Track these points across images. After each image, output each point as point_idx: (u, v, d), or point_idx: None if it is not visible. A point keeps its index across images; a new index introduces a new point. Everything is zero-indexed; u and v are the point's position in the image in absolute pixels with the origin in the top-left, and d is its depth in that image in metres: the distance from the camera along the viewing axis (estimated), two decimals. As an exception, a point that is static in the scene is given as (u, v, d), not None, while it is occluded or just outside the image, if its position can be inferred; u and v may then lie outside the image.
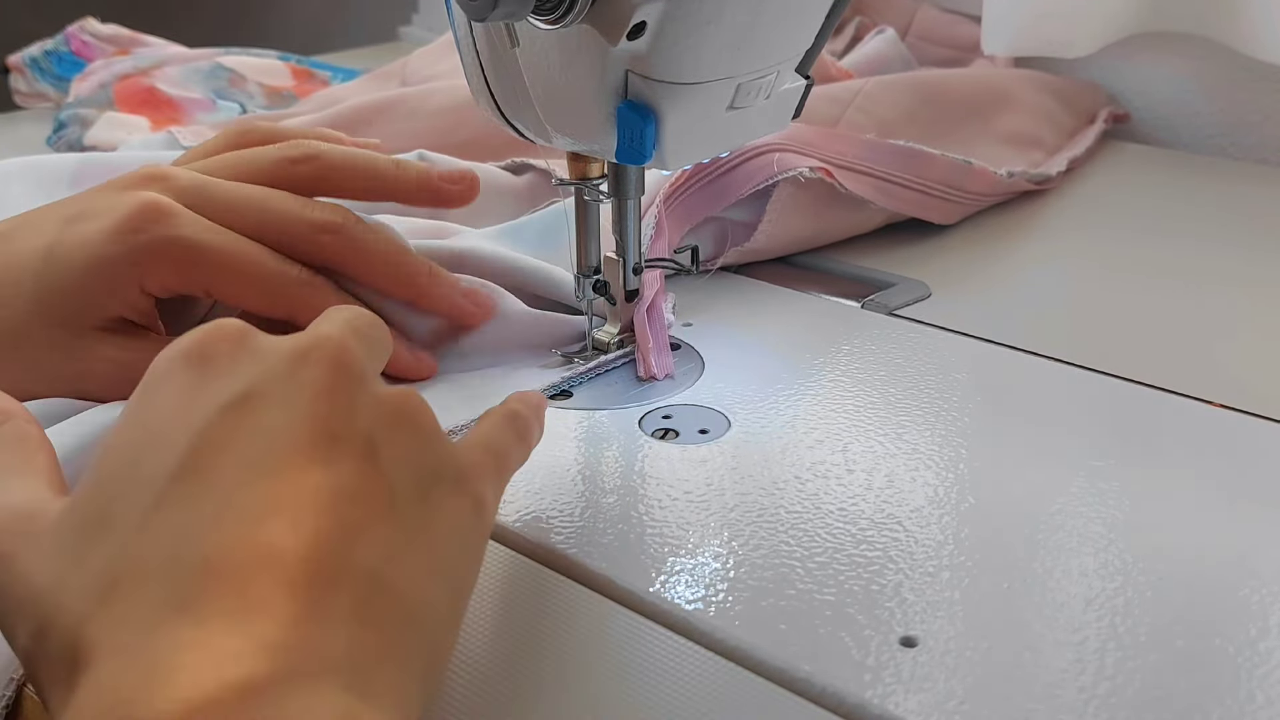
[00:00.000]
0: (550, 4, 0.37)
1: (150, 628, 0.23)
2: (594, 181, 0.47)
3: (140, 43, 0.91)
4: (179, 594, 0.24)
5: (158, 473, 0.26)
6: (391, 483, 0.28)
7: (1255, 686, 0.32)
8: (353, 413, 0.28)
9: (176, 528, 0.25)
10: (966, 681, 0.32)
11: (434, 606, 0.27)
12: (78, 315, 0.43)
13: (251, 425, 0.27)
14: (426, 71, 0.85)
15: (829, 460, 0.42)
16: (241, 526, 0.25)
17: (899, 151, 0.61)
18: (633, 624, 0.34)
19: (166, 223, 0.42)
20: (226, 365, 0.29)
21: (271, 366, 0.28)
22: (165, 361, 0.29)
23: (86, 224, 0.43)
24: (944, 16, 0.91)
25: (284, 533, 0.25)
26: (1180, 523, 0.39)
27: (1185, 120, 0.85)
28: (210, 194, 0.44)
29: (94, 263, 0.42)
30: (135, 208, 0.42)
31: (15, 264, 0.43)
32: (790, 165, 0.56)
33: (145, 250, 0.42)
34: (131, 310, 0.43)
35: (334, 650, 0.24)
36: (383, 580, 0.26)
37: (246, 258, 0.43)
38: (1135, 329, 0.54)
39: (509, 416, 0.35)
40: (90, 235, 0.42)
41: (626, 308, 0.49)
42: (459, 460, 0.30)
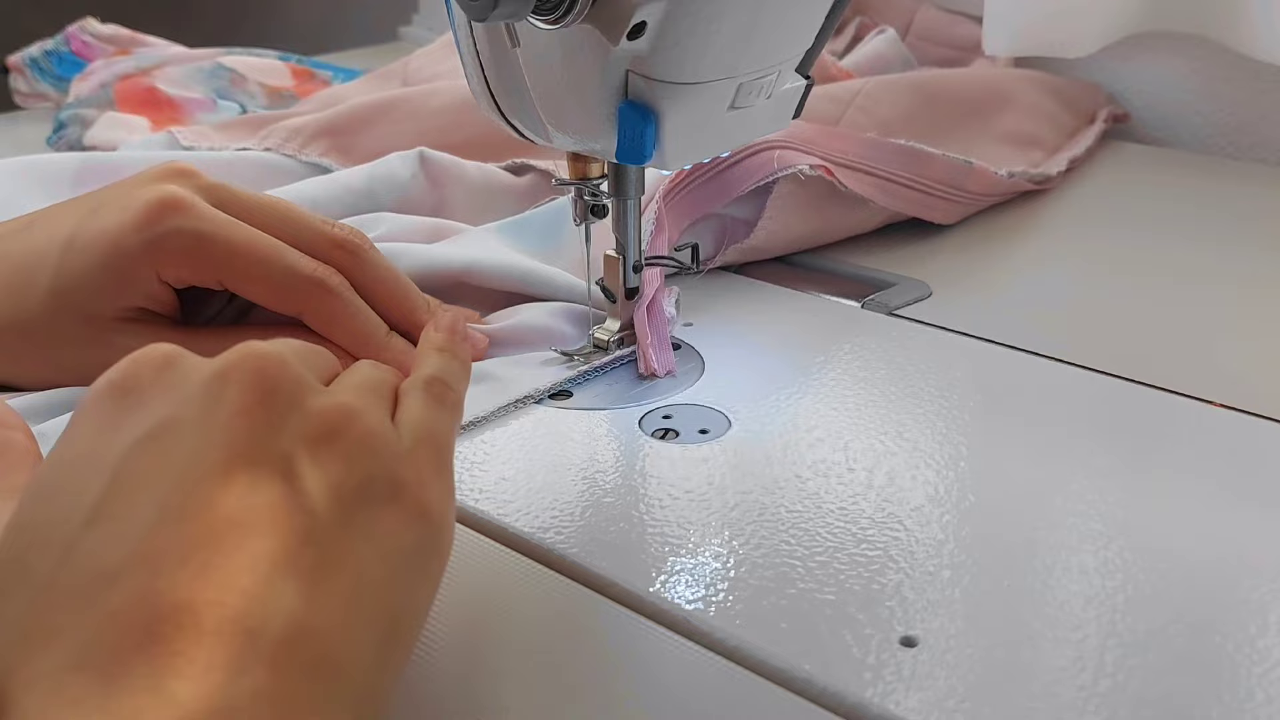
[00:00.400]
0: (550, 4, 0.37)
1: (55, 691, 0.22)
2: (594, 181, 0.47)
3: (140, 43, 0.91)
4: (86, 652, 0.23)
5: (71, 517, 0.25)
6: (312, 508, 0.26)
7: (1255, 684, 0.32)
8: (273, 432, 0.27)
9: (86, 578, 0.24)
10: (967, 680, 0.32)
11: (359, 642, 0.26)
12: (96, 305, 0.43)
13: (165, 458, 0.26)
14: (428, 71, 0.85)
15: (829, 459, 0.42)
16: (149, 577, 0.24)
17: (899, 150, 0.61)
18: (633, 624, 0.34)
19: (184, 214, 0.43)
20: (147, 395, 0.28)
21: (189, 391, 0.27)
22: (90, 394, 0.28)
23: (106, 216, 0.43)
24: (944, 16, 0.91)
25: (192, 581, 0.24)
26: (1180, 522, 0.39)
27: (1185, 120, 0.85)
28: (233, 194, 0.45)
29: (112, 253, 0.43)
30: (154, 200, 0.43)
31: (34, 254, 0.44)
32: (790, 162, 0.56)
33: (161, 241, 0.42)
34: (150, 300, 0.44)
35: (251, 705, 0.23)
36: (300, 623, 0.24)
37: (260, 252, 0.43)
38: (1135, 329, 0.54)
39: (427, 385, 0.33)
40: (109, 226, 0.43)
41: (626, 306, 0.49)
42: (394, 471, 0.28)
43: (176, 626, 0.23)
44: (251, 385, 0.27)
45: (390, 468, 0.28)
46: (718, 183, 0.56)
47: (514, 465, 0.42)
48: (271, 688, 0.23)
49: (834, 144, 0.59)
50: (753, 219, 0.58)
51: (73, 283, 0.43)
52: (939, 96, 0.72)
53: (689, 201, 0.55)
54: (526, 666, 0.33)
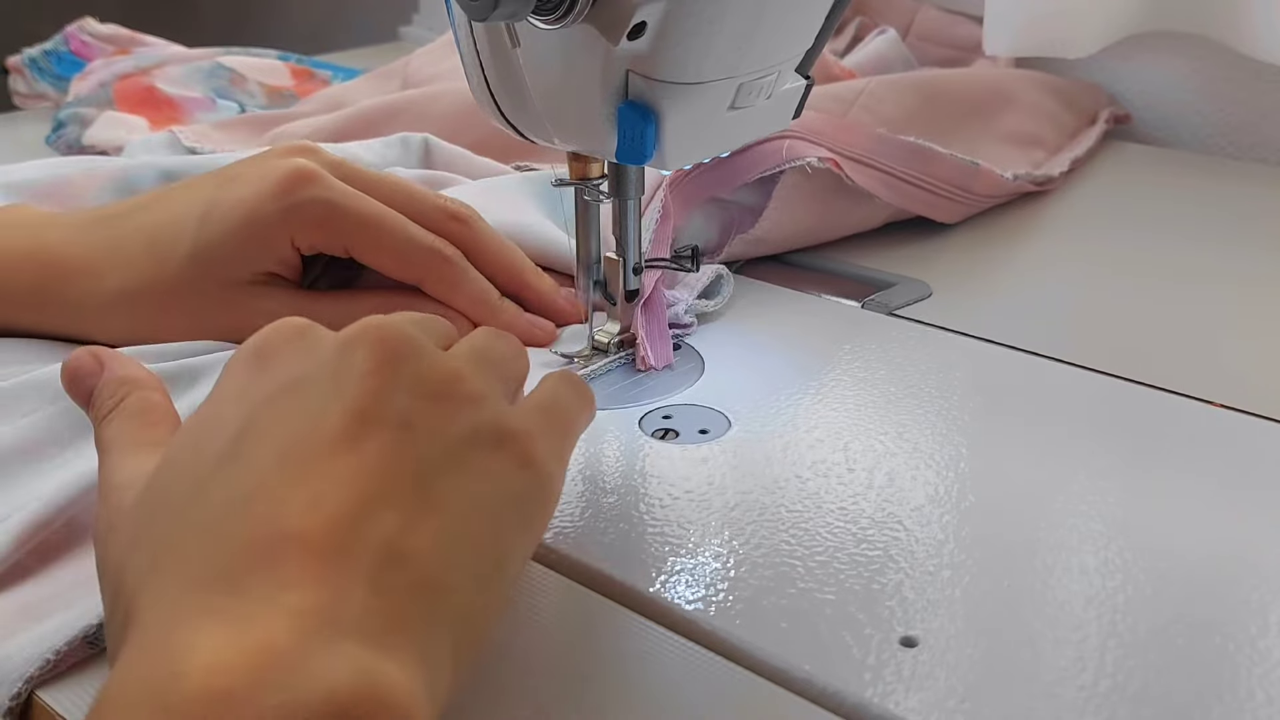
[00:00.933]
0: (551, 4, 0.37)
1: (181, 602, 0.25)
2: (594, 181, 0.47)
3: (139, 42, 0.91)
4: (210, 570, 0.26)
5: (208, 457, 0.29)
6: (421, 455, 0.29)
7: (1255, 684, 0.32)
8: (391, 392, 0.29)
9: (214, 509, 0.27)
10: (967, 680, 0.32)
11: (454, 572, 0.28)
12: (233, 270, 0.47)
13: (294, 410, 0.29)
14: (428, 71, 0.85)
15: (829, 459, 0.42)
16: (269, 506, 0.27)
17: (908, 148, 0.61)
18: (633, 624, 0.34)
19: (317, 185, 0.46)
20: (283, 357, 0.31)
21: (321, 355, 0.31)
22: (233, 359, 0.32)
23: (241, 186, 0.47)
24: (945, 17, 0.91)
25: (305, 511, 0.26)
26: (1180, 521, 0.39)
27: (1185, 120, 0.85)
28: (354, 169, 0.49)
29: (250, 221, 0.46)
30: (289, 171, 0.47)
31: (173, 223, 0.48)
32: (799, 154, 0.56)
33: (297, 210, 0.46)
34: (281, 265, 0.48)
35: (351, 615, 0.25)
36: (398, 550, 0.27)
37: (384, 222, 0.47)
38: (1135, 329, 0.54)
39: (572, 380, 0.36)
40: (246, 196, 0.47)
41: (627, 308, 0.49)
42: (503, 421, 0.31)
43: (289, 549, 0.26)
44: (376, 351, 0.30)
45: (498, 420, 0.31)
46: (726, 168, 0.56)
47: (514, 465, 0.42)
48: (375, 603, 0.26)
49: (843, 136, 0.59)
50: (758, 207, 0.58)
51: (211, 248, 0.47)
52: (941, 96, 0.72)
53: (696, 185, 0.56)
54: (526, 666, 0.33)
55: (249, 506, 0.27)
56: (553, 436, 0.33)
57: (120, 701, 0.24)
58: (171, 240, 0.47)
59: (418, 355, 0.30)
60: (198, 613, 0.25)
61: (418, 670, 0.25)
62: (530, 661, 0.33)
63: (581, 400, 0.36)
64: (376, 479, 0.28)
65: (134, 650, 0.25)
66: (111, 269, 0.48)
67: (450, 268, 0.48)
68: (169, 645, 0.24)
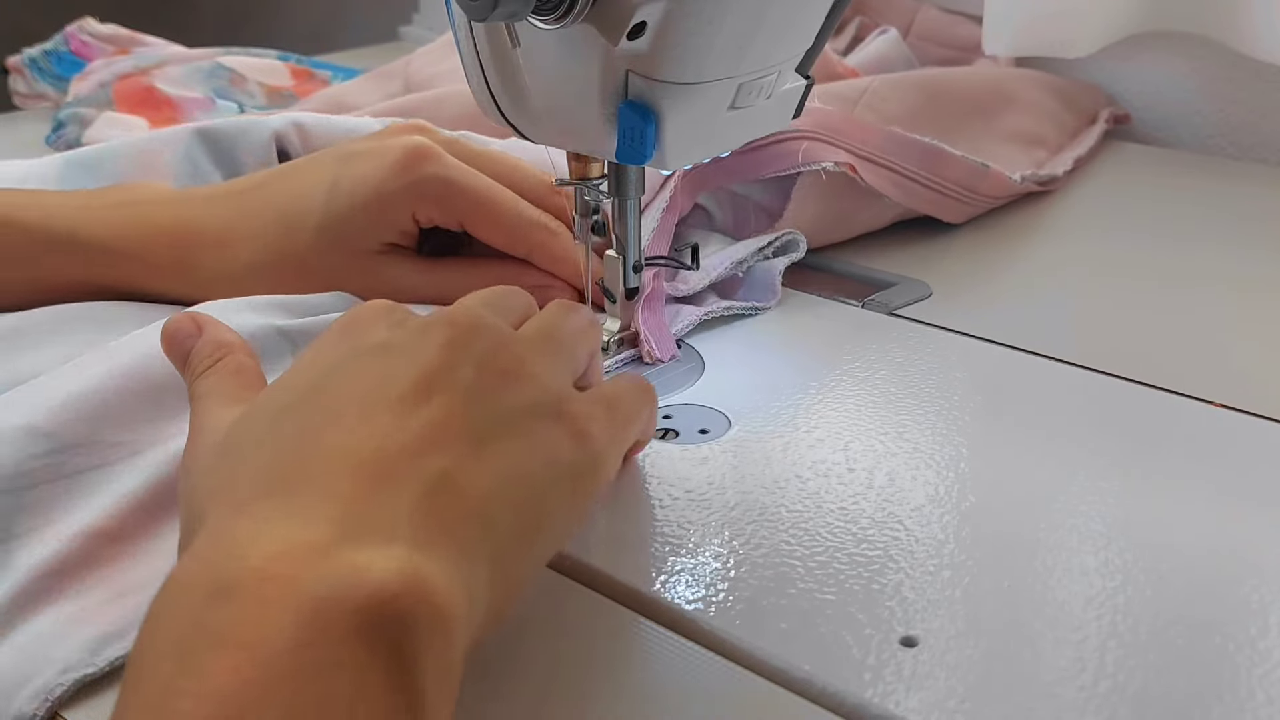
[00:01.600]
0: (551, 4, 0.37)
1: (245, 506, 0.28)
2: (594, 181, 0.47)
3: (139, 42, 0.91)
4: (273, 483, 0.28)
5: (288, 398, 0.31)
6: (481, 416, 0.31)
7: (1255, 684, 0.32)
8: (462, 364, 0.32)
9: (287, 436, 0.30)
10: (967, 680, 0.32)
11: (499, 512, 0.29)
12: (359, 241, 0.50)
13: (371, 367, 0.32)
14: (429, 71, 0.85)
15: (830, 459, 0.42)
16: (336, 435, 0.29)
17: (921, 148, 0.61)
18: (633, 624, 0.34)
19: (436, 162, 0.49)
20: (369, 327, 0.34)
21: (404, 328, 0.33)
22: (326, 330, 0.35)
23: (363, 163, 0.50)
24: (945, 17, 0.91)
25: (362, 439, 0.29)
26: (1180, 522, 0.39)
27: (1185, 120, 0.85)
28: (467, 147, 0.52)
29: (375, 195, 0.49)
30: (410, 148, 0.49)
31: (300, 198, 0.50)
32: (816, 157, 0.56)
33: (418, 185, 0.49)
34: (403, 237, 0.50)
35: (397, 523, 0.27)
36: (447, 479, 0.29)
37: (497, 199, 0.50)
38: (1135, 329, 0.54)
39: (639, 381, 0.39)
40: (370, 172, 0.49)
41: (627, 306, 0.49)
42: (562, 399, 0.33)
43: (346, 467, 0.28)
44: (450, 330, 0.33)
45: (557, 398, 0.33)
46: (739, 162, 0.57)
47: (514, 465, 0.42)
48: (421, 519, 0.28)
49: (859, 135, 0.59)
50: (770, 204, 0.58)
51: (339, 220, 0.49)
52: (944, 95, 0.72)
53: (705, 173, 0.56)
54: (526, 666, 0.33)
55: (318, 434, 0.29)
56: (610, 422, 0.34)
57: (182, 580, 0.26)
58: (300, 214, 0.50)
59: (489, 336, 0.33)
60: (258, 512, 0.27)
61: (456, 577, 0.27)
62: (530, 661, 0.33)
63: (643, 400, 0.38)
64: (437, 429, 0.30)
65: (198, 542, 0.27)
66: (243, 241, 0.50)
67: (555, 241, 0.50)
68: (230, 535, 0.27)
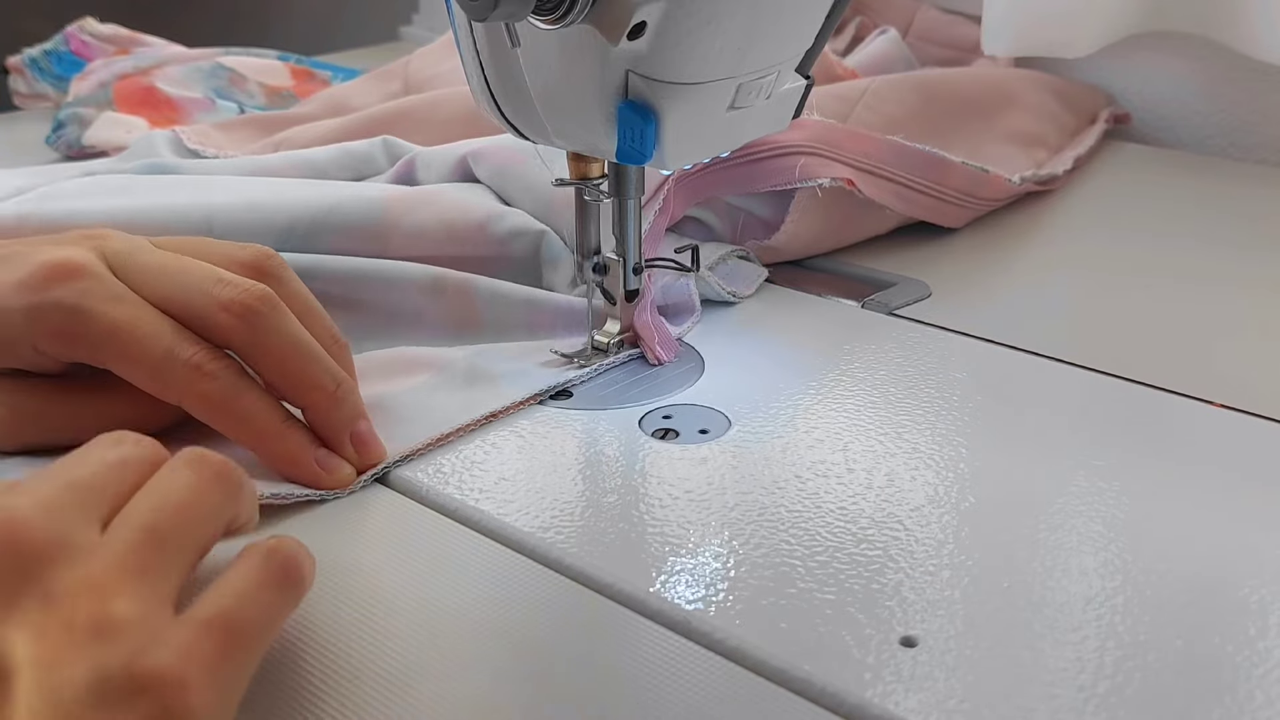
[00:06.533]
0: (550, 4, 0.37)
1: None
2: (594, 181, 0.47)
3: (139, 42, 0.91)
4: None
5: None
6: (24, 709, 0.24)
7: (1254, 685, 0.32)
8: (4, 629, 0.24)
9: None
10: (966, 680, 0.32)
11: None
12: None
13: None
14: (428, 71, 0.85)
15: (829, 459, 0.42)
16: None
17: (923, 158, 0.61)
18: (633, 624, 0.34)
19: (68, 286, 0.39)
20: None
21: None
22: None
23: (2, 271, 0.40)
24: (944, 17, 0.91)
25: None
26: (1180, 522, 0.39)
27: (1185, 120, 0.85)
28: (137, 258, 0.41)
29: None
30: (46, 264, 0.39)
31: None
32: (812, 174, 0.56)
33: (39, 311, 0.39)
34: (29, 365, 0.41)
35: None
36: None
37: (136, 336, 0.39)
38: (1135, 329, 0.54)
39: (271, 554, 0.30)
40: (0, 282, 0.40)
41: (627, 308, 0.49)
42: (139, 664, 0.25)
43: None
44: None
45: (133, 661, 0.25)
46: (736, 174, 0.56)
47: (514, 465, 0.42)
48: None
49: (860, 147, 0.59)
50: (769, 218, 0.58)
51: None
52: (944, 95, 0.72)
53: (700, 183, 0.55)
54: (526, 666, 0.33)
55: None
56: (219, 669, 0.26)
57: None
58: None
59: (46, 566, 0.25)
60: None
61: None
62: (529, 661, 0.33)
63: (283, 591, 0.30)
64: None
65: None
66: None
67: (211, 386, 0.39)
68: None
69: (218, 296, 0.40)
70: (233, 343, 0.40)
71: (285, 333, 0.40)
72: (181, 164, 0.62)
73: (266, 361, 0.40)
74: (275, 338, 0.40)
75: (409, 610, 0.35)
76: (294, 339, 0.40)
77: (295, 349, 0.40)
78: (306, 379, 0.41)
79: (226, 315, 0.39)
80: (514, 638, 0.34)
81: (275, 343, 0.40)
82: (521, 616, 0.35)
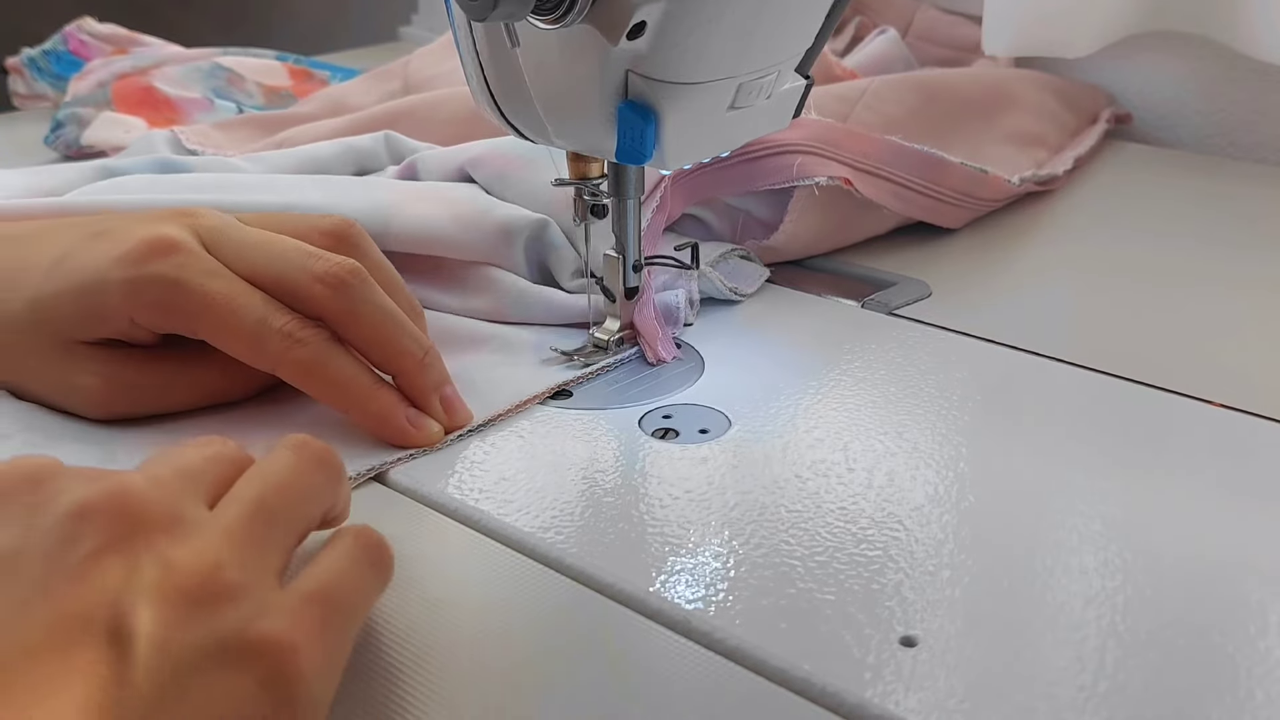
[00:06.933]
0: (550, 4, 0.37)
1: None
2: (594, 181, 0.47)
3: (138, 42, 0.91)
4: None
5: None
6: (142, 679, 0.24)
7: (1255, 684, 0.32)
8: (115, 585, 0.25)
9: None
10: (967, 680, 0.32)
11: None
12: (67, 329, 0.43)
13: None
14: (428, 71, 0.85)
15: (829, 459, 0.42)
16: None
17: (921, 158, 0.61)
18: (633, 624, 0.34)
19: (168, 260, 0.41)
20: (6, 513, 0.27)
21: (46, 522, 0.26)
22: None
23: (102, 244, 0.42)
24: (944, 17, 0.91)
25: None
26: (1180, 521, 0.39)
27: (1185, 120, 0.85)
28: (229, 234, 0.43)
29: (87, 286, 0.42)
30: (144, 239, 0.42)
31: (26, 266, 0.44)
32: (810, 172, 0.56)
33: (138, 284, 0.41)
34: (124, 335, 0.43)
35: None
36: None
37: (232, 307, 0.41)
38: (1135, 328, 0.54)
39: (360, 536, 0.31)
40: (98, 256, 0.42)
41: (626, 305, 0.49)
42: (255, 630, 0.26)
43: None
44: (108, 530, 0.26)
45: (248, 629, 0.26)
46: (734, 173, 0.56)
47: (514, 465, 0.42)
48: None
49: (859, 147, 0.59)
50: (768, 219, 0.58)
51: (49, 301, 0.42)
52: (944, 95, 0.72)
53: (698, 182, 0.55)
54: (526, 666, 0.33)
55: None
56: (323, 637, 0.28)
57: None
58: (18, 282, 0.43)
59: (159, 535, 0.26)
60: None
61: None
62: (529, 661, 0.33)
63: (375, 572, 0.31)
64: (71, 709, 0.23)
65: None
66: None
67: (304, 353, 0.41)
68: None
69: (311, 269, 0.42)
70: (326, 313, 0.42)
71: (375, 302, 0.43)
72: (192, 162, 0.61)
73: (358, 330, 0.42)
74: (366, 307, 0.42)
75: (409, 610, 0.35)
76: (384, 308, 0.43)
77: (385, 318, 0.43)
78: (396, 346, 0.43)
79: (321, 286, 0.42)
80: (514, 638, 0.34)
81: (366, 312, 0.42)
82: (522, 616, 0.35)
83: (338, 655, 0.28)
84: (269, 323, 0.41)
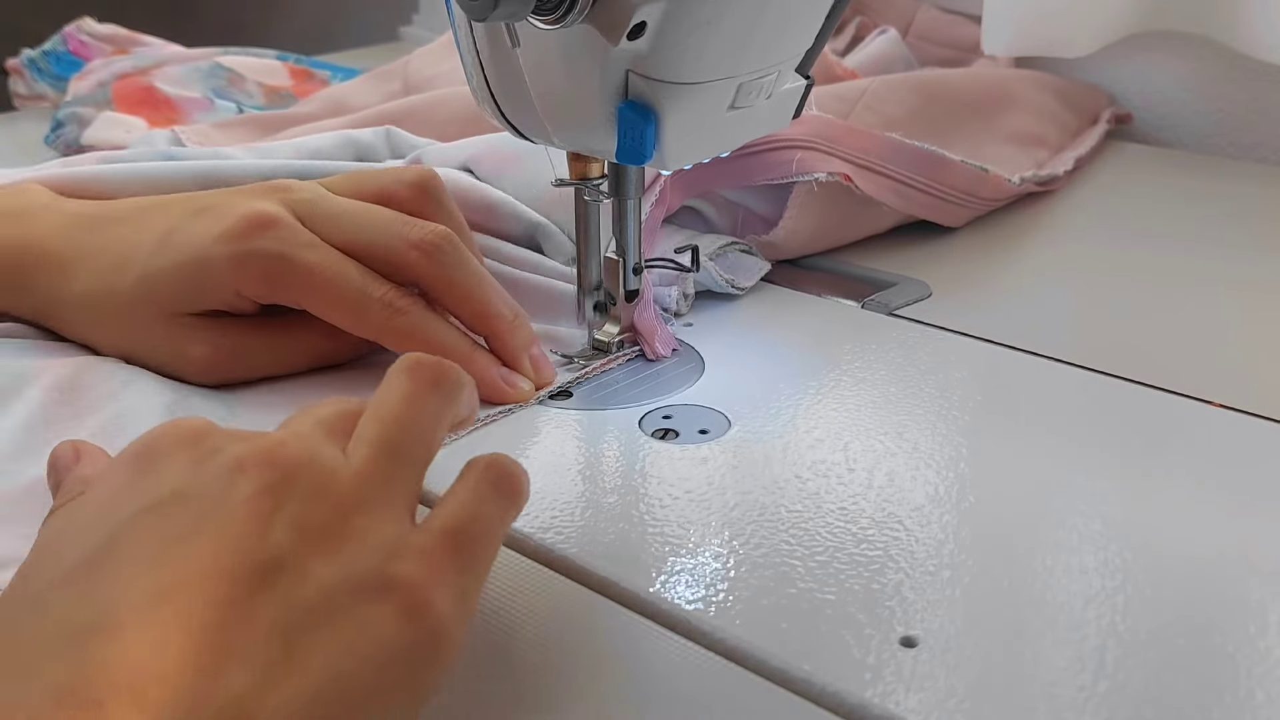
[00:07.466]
0: (550, 4, 0.37)
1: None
2: (594, 181, 0.47)
3: (138, 42, 0.91)
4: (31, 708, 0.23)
5: (62, 566, 0.27)
6: (289, 603, 0.26)
7: (1255, 684, 0.32)
8: (272, 528, 0.27)
9: (50, 630, 0.25)
10: (967, 680, 0.32)
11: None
12: (174, 303, 0.45)
13: (160, 533, 0.27)
14: (428, 71, 0.85)
15: (829, 459, 0.42)
16: (106, 646, 0.24)
17: (921, 155, 0.61)
18: (633, 624, 0.34)
19: (269, 234, 0.44)
20: (164, 466, 0.29)
21: (207, 474, 0.28)
22: (117, 457, 0.30)
23: (204, 220, 0.45)
24: (944, 17, 0.91)
25: (146, 660, 0.24)
26: (1180, 521, 0.39)
27: (1185, 120, 0.85)
28: (322, 206, 0.46)
29: (194, 259, 0.44)
30: (246, 215, 0.44)
31: (136, 241, 0.46)
32: (809, 168, 0.56)
33: (243, 258, 0.44)
34: (228, 307, 0.46)
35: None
36: (247, 711, 0.24)
37: (334, 278, 0.44)
38: (1135, 329, 0.54)
39: (489, 468, 0.32)
40: (202, 232, 0.45)
41: (627, 308, 0.49)
42: (392, 565, 0.28)
43: (123, 702, 0.23)
44: (266, 474, 0.28)
45: (387, 563, 0.28)
46: (734, 167, 0.56)
47: (514, 465, 0.42)
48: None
49: (858, 143, 0.59)
50: (765, 211, 0.58)
51: (157, 277, 0.45)
52: (944, 96, 0.72)
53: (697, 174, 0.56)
54: (526, 666, 0.33)
55: (86, 640, 0.24)
56: (457, 573, 0.29)
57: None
58: (127, 258, 0.46)
59: (310, 482, 0.28)
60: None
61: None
62: (529, 661, 0.33)
63: (505, 502, 0.32)
64: (234, 629, 0.25)
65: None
66: (81, 272, 0.47)
67: (404, 320, 0.44)
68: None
69: (407, 236, 0.45)
70: (421, 278, 0.45)
71: (468, 267, 0.45)
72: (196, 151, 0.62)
73: (453, 294, 0.45)
74: (460, 272, 0.45)
75: (409, 610, 0.35)
76: (476, 273, 0.46)
77: (478, 281, 0.46)
78: (489, 308, 0.46)
79: (416, 253, 0.44)
80: (513, 637, 0.34)
81: (460, 277, 0.45)
82: (521, 616, 0.35)
83: (472, 590, 0.29)
84: (369, 292, 0.44)
